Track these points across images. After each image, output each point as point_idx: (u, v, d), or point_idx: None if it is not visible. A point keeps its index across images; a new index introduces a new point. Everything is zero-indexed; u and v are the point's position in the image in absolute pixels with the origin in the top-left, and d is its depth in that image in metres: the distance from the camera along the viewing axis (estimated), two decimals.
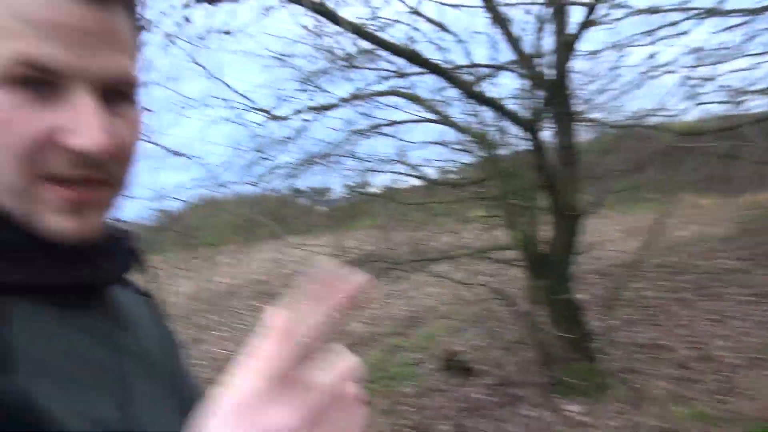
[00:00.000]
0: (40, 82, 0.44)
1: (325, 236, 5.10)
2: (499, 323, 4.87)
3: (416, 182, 4.51)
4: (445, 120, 3.72)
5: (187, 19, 2.78)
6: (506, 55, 3.75)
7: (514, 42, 3.44)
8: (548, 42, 3.65)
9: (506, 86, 5.87)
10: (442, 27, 3.51)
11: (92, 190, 0.47)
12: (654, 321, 4.99)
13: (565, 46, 3.42)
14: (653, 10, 3.74)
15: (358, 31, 2.93)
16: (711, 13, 3.30)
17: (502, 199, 3.84)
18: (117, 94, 0.48)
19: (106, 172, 0.48)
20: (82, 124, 0.44)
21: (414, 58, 3.09)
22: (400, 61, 3.49)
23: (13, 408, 0.39)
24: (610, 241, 6.44)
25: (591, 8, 3.02)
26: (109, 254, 0.53)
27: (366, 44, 3.11)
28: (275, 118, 3.39)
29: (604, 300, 4.75)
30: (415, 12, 3.10)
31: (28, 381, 0.41)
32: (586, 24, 3.34)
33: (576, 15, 3.93)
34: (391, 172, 3.94)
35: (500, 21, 3.35)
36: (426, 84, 3.98)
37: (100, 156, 0.45)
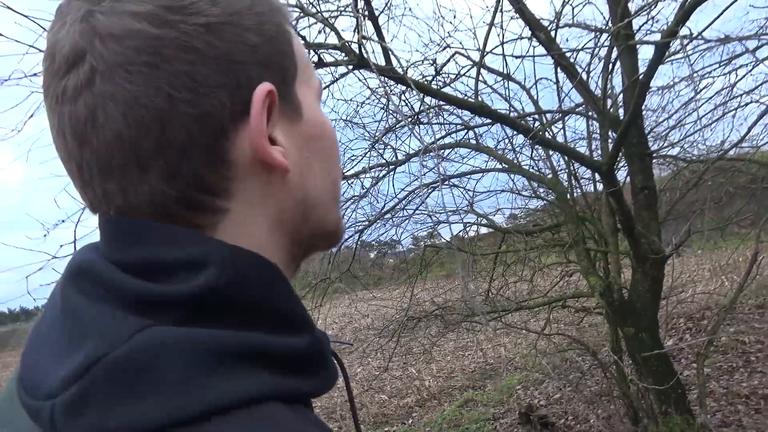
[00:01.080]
0: None
1: (395, 289, 5.07)
2: (581, 375, 4.59)
3: (487, 231, 4.43)
4: (514, 168, 3.65)
5: None
6: (574, 97, 3.68)
7: (581, 84, 3.37)
8: (618, 81, 3.55)
9: (576, 129, 5.75)
10: (506, 76, 3.50)
11: None
12: (755, 368, 4.56)
13: (635, 84, 3.31)
14: (726, 40, 3.59)
15: (424, 88, 2.95)
16: None
17: (577, 244, 3.68)
18: None
19: None
20: None
21: (479, 109, 3.07)
22: (466, 114, 3.49)
23: None
24: (699, 281, 6.00)
25: (661, 47, 2.91)
26: None
27: (431, 100, 3.13)
28: (345, 177, 3.45)
29: (696, 346, 4.40)
30: (479, 65, 3.10)
31: None
32: (657, 61, 3.22)
33: (646, 52, 3.82)
34: (461, 222, 3.88)
35: (565, 65, 3.30)
36: (493, 133, 3.96)
37: None
